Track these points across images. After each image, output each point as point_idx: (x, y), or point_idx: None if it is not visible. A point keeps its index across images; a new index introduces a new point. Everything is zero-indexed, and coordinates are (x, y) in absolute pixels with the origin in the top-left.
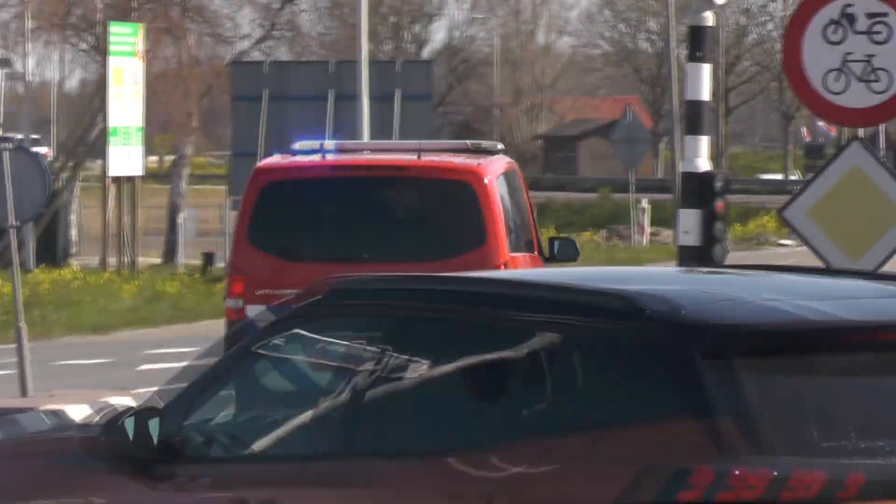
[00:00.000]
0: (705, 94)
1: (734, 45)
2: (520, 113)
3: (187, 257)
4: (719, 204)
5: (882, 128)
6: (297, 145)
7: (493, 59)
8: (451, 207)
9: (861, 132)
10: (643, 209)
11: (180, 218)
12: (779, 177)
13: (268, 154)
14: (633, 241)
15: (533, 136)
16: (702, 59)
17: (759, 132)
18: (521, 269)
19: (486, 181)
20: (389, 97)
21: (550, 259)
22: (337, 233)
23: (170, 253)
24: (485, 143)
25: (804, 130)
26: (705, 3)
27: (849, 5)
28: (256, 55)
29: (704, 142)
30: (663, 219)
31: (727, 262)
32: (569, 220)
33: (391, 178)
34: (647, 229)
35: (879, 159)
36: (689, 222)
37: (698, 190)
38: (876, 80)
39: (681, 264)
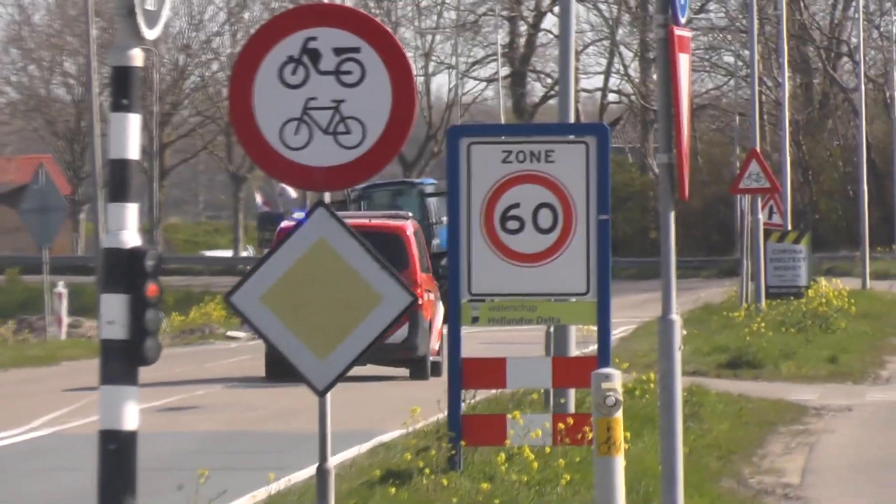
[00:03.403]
0: (133, 152)
1: (171, 90)
2: None
3: None
4: (151, 287)
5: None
6: (295, 215)
7: None
8: (389, 247)
9: (328, 196)
10: (60, 294)
11: None
12: (228, 253)
13: None
14: (48, 335)
15: None
16: (129, 109)
17: (203, 198)
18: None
19: (408, 233)
20: None
21: (441, 277)
22: None
23: None
24: (401, 213)
25: (259, 196)
26: (133, 39)
27: (311, 39)
28: None
29: (132, 210)
30: (86, 306)
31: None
32: None
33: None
34: (66, 319)
35: (348, 228)
36: (113, 310)
37: (125, 270)
38: (346, 132)
39: (104, 362)
